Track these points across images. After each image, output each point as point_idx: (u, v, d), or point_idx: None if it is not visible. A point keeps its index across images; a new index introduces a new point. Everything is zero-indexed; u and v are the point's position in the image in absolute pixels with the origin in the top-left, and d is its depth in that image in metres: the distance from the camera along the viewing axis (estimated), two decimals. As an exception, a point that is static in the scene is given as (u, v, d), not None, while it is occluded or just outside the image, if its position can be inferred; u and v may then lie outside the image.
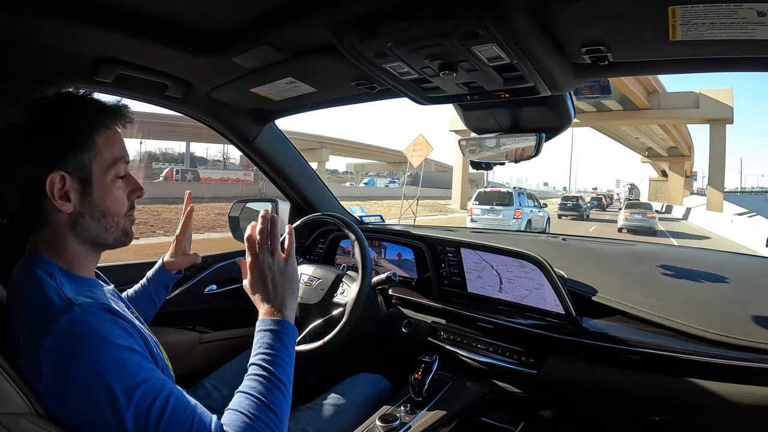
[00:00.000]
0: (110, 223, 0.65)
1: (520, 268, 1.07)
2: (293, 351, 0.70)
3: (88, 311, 0.56)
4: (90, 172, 0.62)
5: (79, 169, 0.61)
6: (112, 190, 0.65)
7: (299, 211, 1.59)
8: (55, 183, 0.60)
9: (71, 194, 0.61)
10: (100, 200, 0.64)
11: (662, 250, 1.61)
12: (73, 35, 0.77)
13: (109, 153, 0.64)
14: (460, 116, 1.05)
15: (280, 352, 0.67)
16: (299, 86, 1.03)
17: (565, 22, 0.64)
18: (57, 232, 0.63)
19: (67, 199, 0.61)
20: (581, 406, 1.04)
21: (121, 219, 0.67)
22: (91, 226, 0.64)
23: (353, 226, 1.13)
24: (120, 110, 0.66)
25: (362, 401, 1.00)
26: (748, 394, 0.79)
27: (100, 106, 0.65)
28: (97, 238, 0.65)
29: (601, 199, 30.88)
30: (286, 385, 0.65)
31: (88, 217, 0.63)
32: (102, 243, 0.67)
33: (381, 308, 1.21)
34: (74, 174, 0.61)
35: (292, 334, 0.70)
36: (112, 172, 0.64)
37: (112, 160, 0.64)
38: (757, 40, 0.59)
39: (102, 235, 0.65)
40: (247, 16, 0.75)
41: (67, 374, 0.53)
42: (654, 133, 29.22)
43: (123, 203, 0.67)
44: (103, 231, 0.65)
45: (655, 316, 0.93)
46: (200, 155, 42.18)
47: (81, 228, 0.63)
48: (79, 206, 0.62)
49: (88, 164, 0.62)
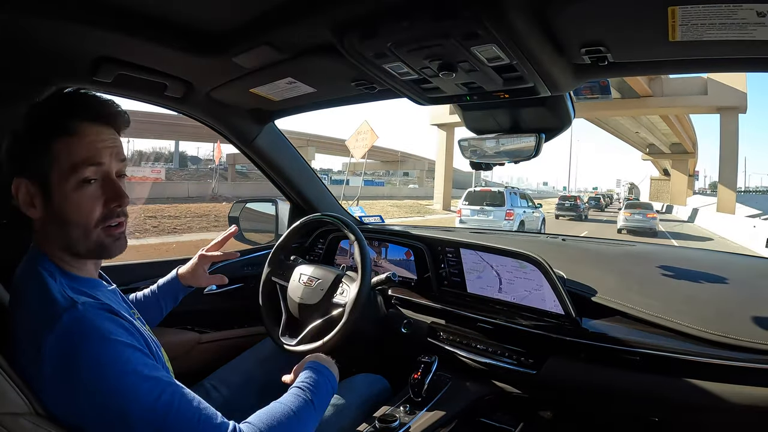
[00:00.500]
0: (75, 234, 0.61)
1: (520, 269, 1.07)
2: (333, 385, 0.79)
3: (90, 310, 0.57)
4: (49, 179, 0.59)
5: (38, 175, 0.60)
6: (72, 198, 0.60)
7: (299, 212, 1.59)
8: (20, 188, 0.60)
9: (35, 200, 0.60)
10: (60, 208, 0.60)
11: (661, 251, 1.61)
12: (73, 35, 0.77)
13: (67, 158, 0.59)
14: (460, 116, 1.05)
15: (318, 382, 0.76)
16: (299, 86, 1.03)
17: (565, 22, 0.64)
18: (43, 234, 0.63)
19: (33, 205, 0.60)
20: (581, 407, 1.04)
21: (90, 230, 0.62)
22: (57, 235, 0.62)
23: (353, 227, 1.13)
24: (94, 108, 0.62)
25: (361, 401, 1.00)
26: (746, 394, 0.79)
27: (62, 109, 0.61)
28: (68, 248, 0.62)
29: (599, 199, 29.57)
30: (316, 406, 0.72)
31: (52, 225, 0.61)
32: (75, 253, 0.63)
33: (380, 308, 1.21)
34: (34, 180, 0.60)
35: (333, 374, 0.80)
36: (72, 178, 0.60)
37: (70, 166, 0.59)
38: (756, 40, 0.59)
39: (71, 245, 0.62)
40: (247, 16, 0.75)
41: (70, 372, 0.53)
42: (656, 127, 27.31)
43: (90, 212, 0.61)
44: (69, 240, 0.62)
45: (654, 316, 0.93)
46: (192, 154, 42.22)
47: (51, 235, 0.62)
48: (43, 213, 0.61)
49: (47, 170, 0.59)
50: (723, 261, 1.35)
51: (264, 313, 1.19)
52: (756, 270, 1.22)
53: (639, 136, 33.68)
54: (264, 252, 1.51)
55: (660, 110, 19.84)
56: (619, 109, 19.72)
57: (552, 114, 0.92)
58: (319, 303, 1.09)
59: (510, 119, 0.98)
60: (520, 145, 0.97)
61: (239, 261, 1.48)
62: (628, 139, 35.92)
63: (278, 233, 1.62)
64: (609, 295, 1.01)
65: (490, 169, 1.09)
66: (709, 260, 1.33)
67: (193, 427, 0.56)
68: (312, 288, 1.12)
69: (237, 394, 1.06)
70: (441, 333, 1.19)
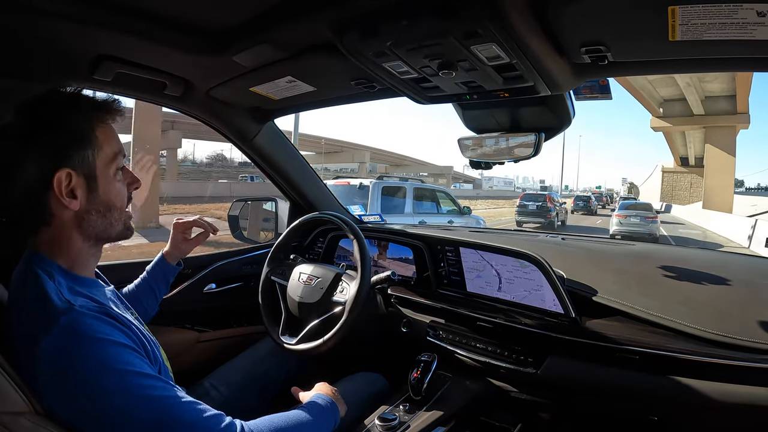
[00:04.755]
0: (114, 217, 0.67)
1: (521, 268, 1.07)
2: (336, 419, 0.82)
3: (87, 313, 0.57)
4: (94, 168, 0.63)
5: (84, 166, 0.62)
6: (114, 184, 0.66)
7: (298, 210, 1.59)
8: (62, 180, 0.60)
9: (77, 191, 0.62)
10: (105, 195, 0.65)
11: (661, 250, 1.61)
12: (73, 34, 0.77)
13: (109, 147, 0.65)
14: (460, 116, 1.05)
15: (323, 412, 0.80)
16: (299, 85, 1.03)
17: (565, 21, 0.64)
18: (61, 230, 0.63)
19: (74, 196, 0.61)
20: (580, 406, 1.04)
21: (123, 212, 0.69)
22: (96, 222, 0.65)
23: (352, 226, 1.13)
24: (113, 105, 0.67)
25: (361, 400, 1.00)
26: (746, 394, 0.79)
27: (95, 102, 0.66)
28: (102, 233, 0.66)
29: (588, 199, 23.22)
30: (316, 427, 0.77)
31: (94, 212, 0.64)
32: (106, 238, 0.68)
33: (380, 307, 1.21)
34: (80, 170, 0.62)
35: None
36: (113, 165, 0.66)
37: (112, 154, 0.65)
38: (756, 40, 0.59)
39: (107, 229, 0.67)
40: (248, 14, 0.75)
41: (68, 373, 0.53)
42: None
43: (124, 196, 0.69)
44: (108, 226, 0.66)
45: (654, 315, 0.93)
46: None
47: (86, 224, 0.64)
48: (85, 202, 0.63)
49: (92, 160, 0.63)
50: (723, 260, 1.35)
51: (264, 312, 1.20)
52: (756, 269, 1.22)
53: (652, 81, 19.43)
54: (263, 251, 1.51)
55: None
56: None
57: (552, 113, 0.92)
58: (319, 302, 1.09)
59: (510, 118, 0.98)
60: (520, 144, 0.97)
61: (239, 260, 1.48)
62: (636, 91, 21.09)
63: (278, 232, 1.62)
64: (609, 294, 1.02)
65: (489, 167, 1.09)
66: (709, 260, 1.33)
67: (193, 428, 0.56)
68: (312, 287, 1.12)
69: (236, 393, 1.06)
70: (440, 332, 1.19)
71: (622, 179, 75.85)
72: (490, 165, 1.07)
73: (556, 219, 13.23)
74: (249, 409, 0.81)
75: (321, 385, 0.89)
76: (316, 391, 0.86)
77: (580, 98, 0.93)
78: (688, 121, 21.55)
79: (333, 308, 1.08)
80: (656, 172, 37.31)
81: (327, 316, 1.08)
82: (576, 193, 31.14)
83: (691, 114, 21.07)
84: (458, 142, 1.07)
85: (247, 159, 1.48)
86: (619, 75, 0.80)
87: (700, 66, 0.73)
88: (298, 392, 0.89)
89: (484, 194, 49.50)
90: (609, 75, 0.83)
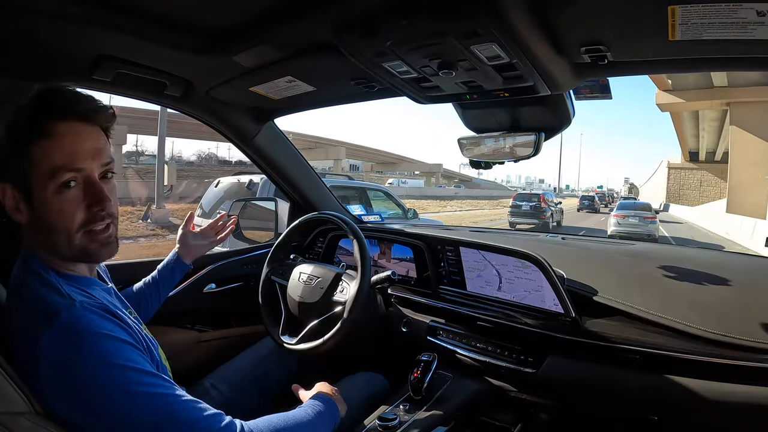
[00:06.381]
0: (59, 240, 0.60)
1: (521, 268, 1.07)
2: (335, 420, 0.82)
3: (88, 309, 0.57)
4: (30, 184, 0.58)
5: (19, 180, 0.58)
6: (53, 203, 0.58)
7: (298, 210, 1.59)
8: (6, 193, 0.59)
9: (20, 205, 0.60)
10: (42, 214, 0.59)
11: (662, 250, 1.61)
12: (73, 34, 0.77)
13: (45, 163, 0.57)
14: (460, 116, 1.05)
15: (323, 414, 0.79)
16: (299, 85, 1.03)
17: (565, 21, 0.64)
18: (31, 238, 0.62)
19: (19, 210, 0.60)
20: (580, 406, 1.04)
21: (72, 235, 0.60)
22: (43, 240, 0.61)
23: (352, 225, 1.13)
24: (69, 107, 0.59)
25: (361, 400, 1.00)
26: (747, 393, 0.79)
27: (38, 110, 0.58)
28: (54, 253, 0.62)
29: (593, 198, 24.11)
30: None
31: (37, 230, 0.61)
32: (62, 257, 0.62)
33: (380, 307, 1.21)
34: (16, 185, 0.59)
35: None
36: (51, 183, 0.57)
37: (48, 171, 0.57)
38: (756, 39, 0.59)
39: (56, 249, 0.61)
40: (248, 14, 0.75)
41: (68, 369, 0.53)
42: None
43: (71, 217, 0.59)
44: (54, 246, 0.61)
45: (654, 315, 0.93)
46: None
47: (37, 239, 0.62)
48: (28, 218, 0.60)
49: (26, 175, 0.58)
50: (723, 260, 1.35)
51: (264, 312, 1.20)
52: (756, 269, 1.22)
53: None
54: (264, 251, 1.51)
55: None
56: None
57: (552, 113, 0.92)
58: (319, 301, 1.09)
59: (510, 118, 0.98)
60: (520, 144, 0.97)
61: (239, 260, 1.48)
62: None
63: (278, 232, 1.62)
64: (609, 294, 1.01)
65: (489, 167, 1.09)
66: (709, 260, 1.33)
67: (193, 426, 0.56)
68: (312, 286, 1.12)
69: (237, 392, 1.06)
70: (440, 332, 1.19)
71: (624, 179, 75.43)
72: (490, 165, 1.07)
73: (551, 220, 12.80)
74: (249, 409, 0.81)
75: (321, 384, 0.88)
76: (317, 391, 0.86)
77: (580, 98, 0.93)
78: (706, 94, 15.39)
79: (333, 308, 1.08)
80: (661, 168, 32.10)
81: (327, 316, 1.08)
82: (581, 193, 31.57)
83: (711, 85, 15.21)
84: (458, 142, 1.07)
85: (227, 159, 1.48)
86: (619, 74, 0.80)
87: (700, 65, 0.73)
88: (299, 390, 0.89)
89: (463, 194, 44.16)
90: (609, 75, 0.83)
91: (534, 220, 12.35)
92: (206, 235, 1.11)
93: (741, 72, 7.23)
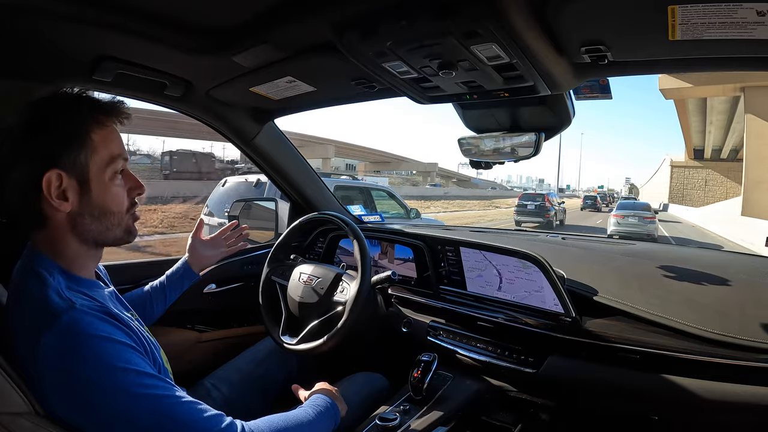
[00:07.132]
0: (111, 222, 0.65)
1: (522, 269, 1.07)
2: (336, 420, 0.82)
3: (88, 312, 0.57)
4: (87, 170, 0.62)
5: (75, 167, 0.61)
6: (110, 188, 0.64)
7: (299, 210, 1.59)
8: (52, 182, 0.59)
9: (69, 193, 0.61)
10: (99, 199, 0.63)
11: (661, 250, 1.61)
12: (73, 34, 0.77)
13: (105, 150, 0.63)
14: (460, 116, 1.05)
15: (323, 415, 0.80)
16: (299, 85, 1.03)
17: (565, 21, 0.64)
18: (56, 231, 0.62)
19: (65, 198, 0.61)
20: (580, 405, 1.04)
21: (122, 217, 0.67)
22: (91, 226, 0.63)
23: (352, 225, 1.13)
24: (116, 107, 0.65)
25: (361, 400, 1.00)
26: (747, 393, 0.79)
27: (95, 104, 0.64)
28: (98, 237, 0.65)
29: (595, 198, 25.61)
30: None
31: (88, 216, 0.63)
32: (103, 242, 0.67)
33: (380, 307, 1.21)
34: (71, 172, 0.60)
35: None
36: (109, 169, 0.64)
37: (109, 158, 0.63)
38: (756, 39, 0.59)
39: (103, 233, 0.65)
40: (248, 14, 0.75)
41: (68, 371, 0.53)
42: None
43: (123, 201, 0.66)
44: (104, 230, 0.65)
45: (654, 315, 0.93)
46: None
47: (81, 227, 0.63)
48: (77, 205, 0.62)
49: (85, 162, 0.61)
50: (723, 260, 1.35)
51: (264, 312, 1.20)
52: (756, 269, 1.22)
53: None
54: (264, 251, 1.51)
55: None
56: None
57: (552, 113, 0.92)
58: (319, 302, 1.09)
59: (510, 118, 0.98)
60: (520, 144, 0.97)
61: (239, 260, 1.48)
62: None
63: (278, 232, 1.62)
64: (609, 294, 1.01)
65: (489, 167, 1.09)
66: (709, 259, 1.33)
67: (194, 427, 0.56)
68: (312, 287, 1.12)
69: (237, 393, 1.06)
70: (441, 332, 1.19)
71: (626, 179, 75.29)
72: (491, 165, 1.07)
73: (554, 219, 13.15)
74: (249, 409, 0.81)
75: (321, 385, 0.89)
76: (317, 391, 0.86)
77: (580, 98, 0.93)
78: (717, 78, 13.23)
79: (333, 308, 1.08)
80: (664, 167, 30.34)
81: (327, 316, 1.08)
82: (582, 193, 32.42)
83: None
84: (458, 142, 1.07)
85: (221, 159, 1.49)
86: (619, 74, 0.80)
87: (700, 65, 0.73)
88: (299, 390, 0.89)
89: (453, 194, 43.48)
90: (609, 74, 0.83)
91: (539, 219, 12.81)
92: (216, 245, 1.11)
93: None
